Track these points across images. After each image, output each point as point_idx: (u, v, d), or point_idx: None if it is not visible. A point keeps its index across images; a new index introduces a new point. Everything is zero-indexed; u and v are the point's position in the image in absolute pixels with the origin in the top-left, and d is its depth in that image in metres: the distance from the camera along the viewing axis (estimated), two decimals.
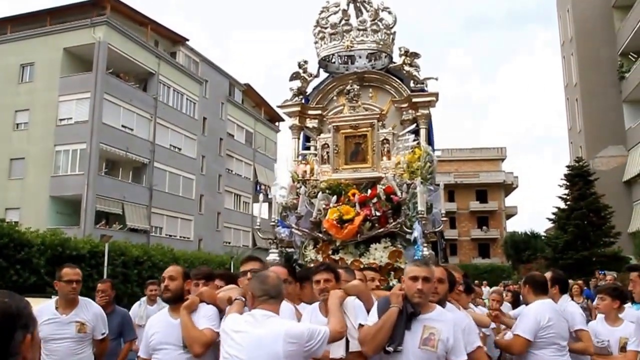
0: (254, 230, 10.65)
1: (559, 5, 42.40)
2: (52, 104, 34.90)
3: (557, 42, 43.70)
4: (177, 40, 42.50)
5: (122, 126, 36.32)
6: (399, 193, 6.63)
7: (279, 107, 8.04)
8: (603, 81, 35.82)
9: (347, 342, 4.28)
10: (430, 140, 7.43)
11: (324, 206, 6.94)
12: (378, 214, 6.61)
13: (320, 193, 6.94)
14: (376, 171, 7.16)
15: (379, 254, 6.65)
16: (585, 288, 19.27)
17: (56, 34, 35.60)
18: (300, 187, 7.11)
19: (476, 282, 16.53)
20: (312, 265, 6.61)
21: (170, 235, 38.55)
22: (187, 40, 43.09)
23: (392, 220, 6.61)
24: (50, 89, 34.83)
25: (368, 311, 4.43)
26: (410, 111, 7.50)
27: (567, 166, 34.69)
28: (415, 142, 7.23)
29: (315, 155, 7.58)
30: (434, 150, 7.31)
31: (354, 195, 6.85)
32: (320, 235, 6.89)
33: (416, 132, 7.38)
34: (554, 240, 33.92)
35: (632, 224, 33.10)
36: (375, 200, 6.66)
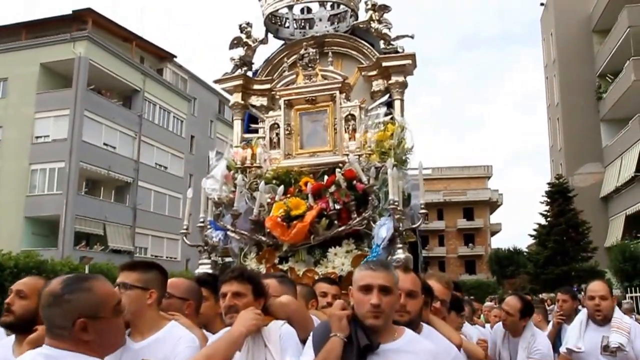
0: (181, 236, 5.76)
1: (544, 28, 42.58)
2: (28, 121, 32.65)
3: (541, 64, 43.85)
4: (164, 56, 40.37)
5: (104, 144, 34.33)
6: (364, 179, 4.74)
7: (216, 81, 6.14)
8: (582, 101, 35.94)
9: None
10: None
11: (268, 200, 5.03)
12: (337, 207, 4.72)
13: (263, 184, 5.03)
14: (338, 155, 5.26)
15: (339, 260, 4.74)
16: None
17: (33, 49, 33.39)
18: (238, 177, 5.18)
19: (472, 297, 14.53)
20: None
21: (156, 256, 36.14)
22: (175, 56, 41.02)
23: (356, 215, 4.71)
24: (26, 105, 32.53)
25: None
26: (381, 80, 5.62)
27: (548, 183, 34.75)
28: (389, 117, 5.32)
29: (263, 138, 5.67)
30: None
31: (306, 184, 4.95)
32: (264, 238, 4.97)
33: (389, 105, 5.48)
34: (535, 256, 33.78)
35: (608, 239, 33.29)
36: (333, 189, 4.75)
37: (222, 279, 3.14)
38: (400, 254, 4.50)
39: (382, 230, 4.41)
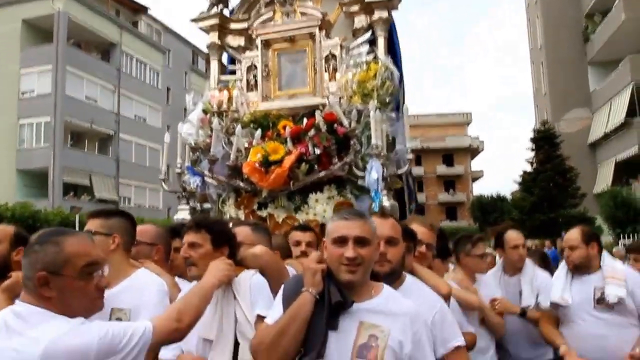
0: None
1: None
2: (14, 77, 32.33)
3: (523, 4, 41.55)
4: (138, 9, 39.40)
5: (86, 97, 34.03)
6: (345, 122, 4.39)
7: (192, 20, 5.69)
8: (568, 43, 34.00)
9: (237, 345, 2.60)
10: (395, 53, 5.15)
11: (245, 145, 4.69)
12: (317, 151, 4.39)
13: (240, 128, 4.68)
14: (319, 97, 4.91)
15: (320, 207, 4.46)
16: (553, 248, 17.74)
17: (14, 5, 32.62)
18: (214, 120, 4.83)
19: None
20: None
21: (139, 205, 36.12)
22: (148, 9, 40.01)
23: (337, 160, 4.40)
24: (11, 62, 32.10)
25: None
26: (364, 16, 5.21)
27: (533, 129, 33.67)
28: (372, 57, 4.94)
29: (240, 80, 5.29)
30: (399, 65, 5.05)
31: (285, 128, 4.61)
32: (242, 184, 4.66)
33: (372, 43, 5.09)
34: (520, 203, 32.91)
35: (597, 185, 32.48)
36: (312, 133, 4.42)
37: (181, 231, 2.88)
38: (386, 201, 4.22)
39: (372, 173, 4.10)
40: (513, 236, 4.49)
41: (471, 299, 3.79)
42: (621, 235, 20.10)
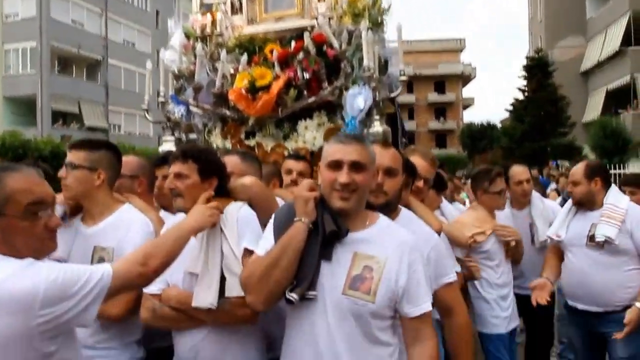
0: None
1: None
2: None
3: None
4: None
5: (72, 21, 32.78)
6: (335, 44, 4.13)
7: None
8: None
9: (223, 280, 2.43)
10: None
11: (231, 71, 4.43)
12: (306, 76, 4.15)
13: (224, 53, 4.40)
14: (307, 18, 4.60)
15: (310, 134, 4.27)
16: (540, 176, 17.80)
17: None
18: (197, 46, 4.54)
19: (456, 174, 13.99)
20: None
21: (130, 133, 35.77)
22: None
23: (327, 85, 4.17)
24: None
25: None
26: None
27: (527, 57, 33.58)
28: None
29: (224, 3, 4.95)
30: None
31: (272, 52, 4.34)
32: (228, 112, 4.43)
33: None
34: (510, 131, 33.02)
35: (587, 114, 32.74)
36: (301, 56, 4.16)
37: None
38: (378, 127, 4.03)
39: (359, 100, 3.88)
40: (517, 171, 4.43)
41: (460, 237, 3.71)
42: (609, 165, 20.23)
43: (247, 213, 2.53)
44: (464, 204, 6.37)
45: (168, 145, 4.61)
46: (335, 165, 2.10)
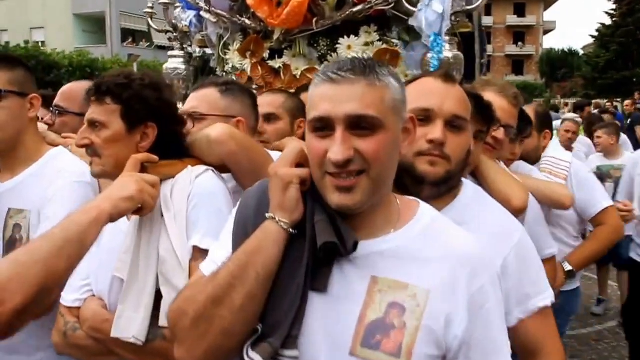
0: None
1: None
2: None
3: None
4: None
5: None
6: None
7: None
8: None
9: (159, 297, 1.48)
10: None
11: None
12: None
13: None
14: None
15: (355, 56, 3.08)
16: (616, 112, 15.41)
17: None
18: None
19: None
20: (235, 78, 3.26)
21: None
22: None
23: None
24: None
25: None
26: None
27: None
28: None
29: None
30: None
31: None
32: (248, 21, 3.30)
33: None
34: (594, 59, 30.65)
35: None
36: None
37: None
38: (447, 51, 2.84)
39: (435, 4, 2.69)
40: None
41: (559, 191, 2.54)
42: None
43: (208, 185, 1.56)
44: None
45: (175, 61, 3.59)
46: (323, 126, 1.15)
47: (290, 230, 1.17)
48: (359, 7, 3.02)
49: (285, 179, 1.18)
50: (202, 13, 3.47)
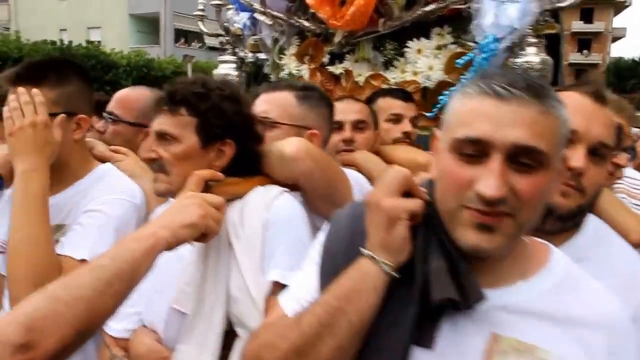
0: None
1: None
2: None
3: None
4: None
5: None
6: None
7: None
8: None
9: (230, 336, 1.28)
10: None
11: None
12: None
13: None
14: None
15: (425, 61, 2.82)
16: None
17: None
18: None
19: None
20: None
21: None
22: None
23: None
24: None
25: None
26: None
27: None
28: None
29: None
30: None
31: None
32: (306, 23, 3.06)
33: None
34: None
35: None
36: None
37: None
38: (532, 55, 2.54)
39: (511, 8, 2.40)
40: None
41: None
42: None
43: (288, 211, 1.39)
44: None
45: (226, 67, 3.38)
46: (478, 148, 0.95)
47: (393, 273, 0.99)
48: (431, 6, 2.75)
49: (392, 214, 0.99)
50: (256, 15, 3.27)
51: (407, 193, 1.03)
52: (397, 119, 2.40)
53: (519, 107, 0.92)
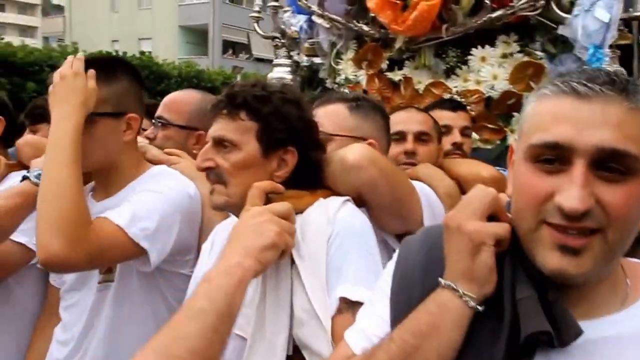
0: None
1: None
2: None
3: None
4: None
5: None
6: None
7: None
8: None
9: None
10: None
11: None
12: None
13: None
14: None
15: (489, 70, 2.73)
16: None
17: None
18: None
19: None
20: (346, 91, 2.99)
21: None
22: None
23: None
24: None
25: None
26: None
27: None
28: None
29: None
30: None
31: None
32: (365, 27, 3.01)
33: None
34: None
35: None
36: None
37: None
38: (607, 66, 2.43)
39: (598, 12, 2.30)
40: None
41: None
42: None
43: (353, 222, 1.29)
44: None
45: (280, 70, 3.35)
46: (557, 154, 0.83)
47: (478, 307, 0.87)
48: (498, 13, 2.66)
49: (477, 239, 0.86)
50: (313, 18, 3.24)
51: (490, 216, 0.92)
52: (445, 130, 2.28)
53: (602, 106, 0.82)
